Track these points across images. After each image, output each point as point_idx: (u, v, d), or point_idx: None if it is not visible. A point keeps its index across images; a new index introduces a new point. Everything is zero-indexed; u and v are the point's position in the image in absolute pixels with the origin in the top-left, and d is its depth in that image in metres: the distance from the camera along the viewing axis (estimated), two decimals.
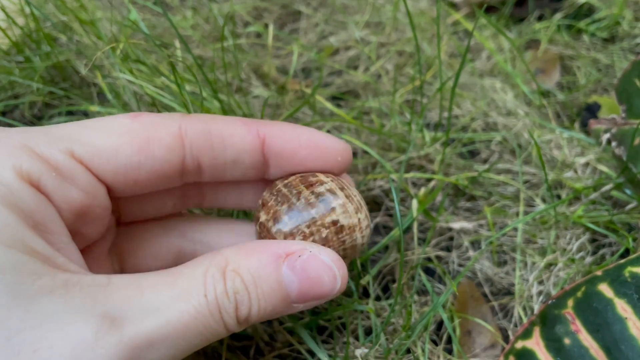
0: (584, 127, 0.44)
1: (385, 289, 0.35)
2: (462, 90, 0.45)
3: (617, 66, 0.49)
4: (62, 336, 0.18)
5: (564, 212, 0.37)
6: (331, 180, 0.27)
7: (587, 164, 0.40)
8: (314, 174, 0.27)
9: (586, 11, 0.53)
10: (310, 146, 0.27)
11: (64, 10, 0.40)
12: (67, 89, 0.42)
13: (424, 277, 0.34)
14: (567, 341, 0.26)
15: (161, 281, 0.21)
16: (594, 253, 0.36)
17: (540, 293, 0.34)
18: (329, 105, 0.42)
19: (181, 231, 0.29)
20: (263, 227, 0.26)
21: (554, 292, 0.33)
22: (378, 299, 0.34)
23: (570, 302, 0.27)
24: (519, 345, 0.27)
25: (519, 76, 0.46)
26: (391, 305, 0.33)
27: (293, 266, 0.23)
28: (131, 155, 0.24)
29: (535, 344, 0.27)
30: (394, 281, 0.35)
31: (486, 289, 0.35)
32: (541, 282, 0.34)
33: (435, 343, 0.32)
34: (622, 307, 0.27)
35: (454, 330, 0.32)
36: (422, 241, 0.37)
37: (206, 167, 0.26)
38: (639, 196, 0.35)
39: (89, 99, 0.41)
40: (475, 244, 0.37)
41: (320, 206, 0.25)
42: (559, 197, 0.38)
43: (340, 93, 0.46)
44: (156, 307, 0.20)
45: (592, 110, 0.45)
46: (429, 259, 0.36)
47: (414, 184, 0.40)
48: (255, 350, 0.32)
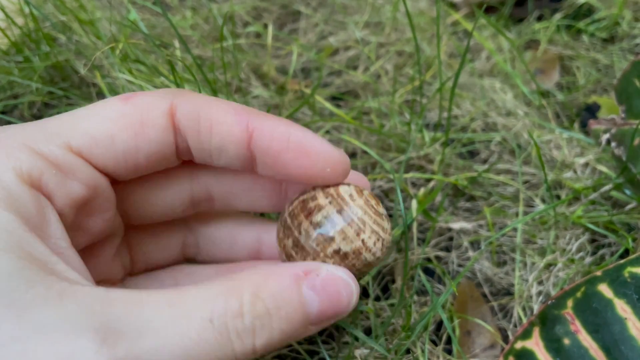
0: (584, 128, 0.44)
1: (385, 289, 0.35)
2: (461, 91, 0.45)
3: (617, 66, 0.49)
4: (52, 350, 0.18)
5: (564, 213, 0.37)
6: (330, 201, 0.25)
7: (586, 164, 0.40)
8: (313, 195, 0.26)
9: (586, 11, 0.53)
10: (297, 150, 0.25)
11: (63, 10, 0.40)
12: (67, 88, 0.42)
13: (423, 277, 0.34)
14: (566, 341, 0.26)
15: (164, 298, 0.20)
16: (593, 253, 0.36)
17: (539, 293, 0.34)
18: (329, 106, 0.42)
19: (188, 223, 0.30)
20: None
21: (553, 293, 0.33)
22: (377, 299, 0.34)
23: (569, 303, 0.27)
24: (518, 345, 0.27)
25: (518, 76, 0.46)
26: (393, 305, 0.33)
27: (313, 285, 0.22)
28: (127, 141, 0.23)
29: (535, 344, 0.27)
30: (393, 281, 0.35)
31: (486, 289, 0.35)
32: (541, 283, 0.34)
33: (435, 343, 0.32)
34: (622, 308, 0.27)
35: (453, 331, 0.32)
36: (422, 241, 0.37)
37: (193, 150, 0.25)
38: (638, 196, 0.35)
39: (88, 99, 0.41)
40: (475, 244, 0.37)
41: (319, 238, 0.25)
42: (558, 197, 0.38)
43: (340, 93, 0.46)
44: (155, 326, 0.19)
45: (591, 111, 0.45)
46: (428, 259, 0.36)
47: (414, 184, 0.40)
48: None
